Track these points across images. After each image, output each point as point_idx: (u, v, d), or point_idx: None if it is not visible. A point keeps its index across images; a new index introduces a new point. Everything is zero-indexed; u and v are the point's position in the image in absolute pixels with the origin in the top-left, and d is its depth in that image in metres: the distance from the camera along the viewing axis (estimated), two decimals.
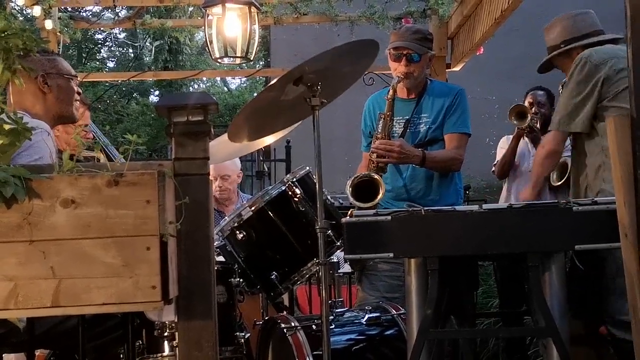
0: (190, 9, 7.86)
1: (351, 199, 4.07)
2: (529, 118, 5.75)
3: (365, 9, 7.60)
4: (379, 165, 4.33)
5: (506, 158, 6.08)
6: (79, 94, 3.74)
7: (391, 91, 4.40)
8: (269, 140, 4.32)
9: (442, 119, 4.53)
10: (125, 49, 24.43)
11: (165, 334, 3.31)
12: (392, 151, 4.30)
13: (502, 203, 6.12)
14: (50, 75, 3.57)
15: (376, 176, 4.17)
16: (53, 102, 3.58)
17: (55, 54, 3.83)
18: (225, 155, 4.58)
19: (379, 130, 4.38)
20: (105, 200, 1.86)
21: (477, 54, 7.50)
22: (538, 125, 5.91)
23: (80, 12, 8.23)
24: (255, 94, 4.07)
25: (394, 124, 4.50)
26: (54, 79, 3.58)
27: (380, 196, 4.06)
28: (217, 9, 5.95)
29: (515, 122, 5.78)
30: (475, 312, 4.12)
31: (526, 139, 6.03)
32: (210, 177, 6.01)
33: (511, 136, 6.22)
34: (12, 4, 7.20)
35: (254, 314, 4.42)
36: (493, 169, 6.34)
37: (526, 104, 6.09)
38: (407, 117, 4.55)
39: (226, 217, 4.10)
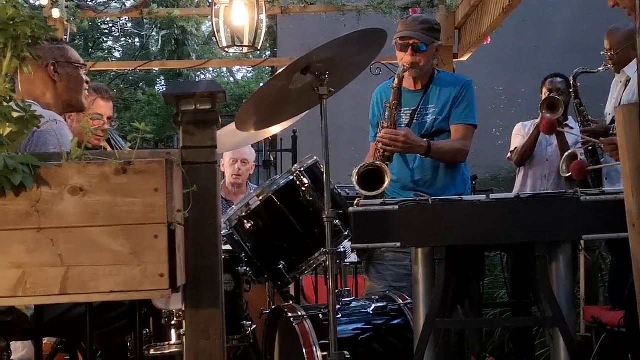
0: None
1: (357, 188, 4.06)
2: (561, 110, 5.72)
3: None
4: (385, 154, 4.32)
5: (527, 146, 6.05)
6: (87, 82, 3.74)
7: (396, 80, 4.39)
8: (275, 130, 4.32)
9: (448, 110, 4.53)
10: (132, 39, 24.41)
11: (173, 322, 3.32)
12: (397, 140, 4.29)
13: (516, 189, 6.12)
14: (60, 63, 3.56)
15: (382, 165, 4.16)
16: (63, 91, 3.58)
17: (64, 42, 3.83)
18: (232, 144, 4.59)
19: (385, 119, 4.37)
20: (114, 188, 1.86)
21: (485, 44, 7.48)
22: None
23: (87, 1, 8.20)
24: (262, 84, 4.08)
25: (401, 114, 4.49)
26: (64, 67, 3.58)
27: (386, 185, 4.05)
28: None
29: (547, 114, 5.74)
30: (481, 302, 4.12)
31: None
32: (230, 160, 6.05)
33: (527, 123, 6.20)
34: None
35: (260, 303, 4.43)
36: (509, 155, 6.32)
37: (544, 91, 6.06)
38: (414, 108, 4.55)
39: (234, 206, 4.10)
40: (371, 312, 3.86)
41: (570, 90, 5.77)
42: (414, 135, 4.37)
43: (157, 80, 23.64)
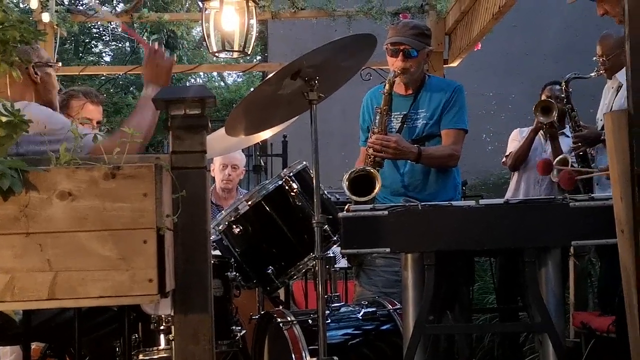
0: (188, 3, 7.86)
1: (347, 193, 4.05)
2: (554, 114, 5.73)
3: (363, 4, 7.59)
4: (376, 159, 4.32)
5: (522, 151, 6.05)
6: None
7: (387, 85, 4.38)
8: (266, 135, 4.31)
9: (439, 114, 4.52)
10: (122, 43, 24.37)
11: (162, 327, 3.32)
12: (388, 147, 4.28)
13: (509, 194, 6.12)
14: (37, 64, 3.54)
15: (372, 170, 4.15)
16: (43, 91, 3.56)
17: (35, 42, 3.81)
18: (222, 149, 4.58)
19: (376, 125, 4.37)
20: (102, 193, 1.86)
21: (475, 49, 7.50)
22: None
23: (77, 5, 8.20)
24: (252, 89, 4.09)
25: (392, 119, 4.49)
26: (40, 67, 3.56)
27: (376, 190, 4.04)
28: (214, 3, 5.95)
29: (540, 117, 5.75)
30: (471, 308, 4.12)
31: (540, 133, 6.01)
32: (220, 165, 6.01)
33: (524, 129, 6.19)
34: None
35: (250, 308, 4.43)
36: (504, 159, 6.31)
37: (543, 97, 6.06)
38: (405, 113, 4.54)
39: (223, 211, 4.09)
40: (360, 318, 3.86)
41: (562, 95, 5.78)
42: (404, 142, 4.37)
43: None
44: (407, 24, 4.67)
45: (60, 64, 3.95)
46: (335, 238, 3.85)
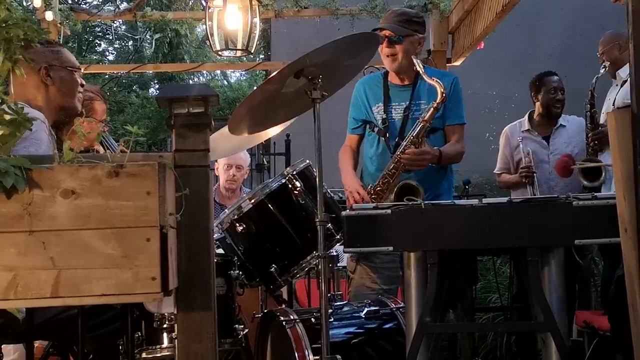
0: (191, 1, 7.86)
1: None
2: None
3: (366, 3, 7.61)
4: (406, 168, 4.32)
5: (512, 184, 5.89)
6: (82, 85, 3.70)
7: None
8: (271, 133, 4.30)
9: (442, 107, 4.49)
10: (125, 42, 24.37)
11: (165, 325, 3.32)
12: (422, 163, 4.30)
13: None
14: (54, 67, 3.53)
15: (414, 183, 4.12)
16: (55, 94, 3.53)
17: (59, 45, 3.79)
18: (226, 150, 4.58)
19: (414, 135, 4.32)
20: (106, 191, 1.86)
21: (478, 48, 7.49)
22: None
23: (80, 3, 8.21)
24: (255, 88, 4.08)
25: (391, 110, 4.50)
26: (57, 70, 3.53)
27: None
28: (218, 2, 5.96)
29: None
30: (474, 307, 4.12)
31: (536, 137, 5.90)
32: (224, 165, 6.02)
33: (514, 125, 6.07)
34: None
35: (253, 307, 4.43)
36: (496, 170, 6.16)
37: (543, 94, 5.91)
38: (406, 105, 4.54)
39: (226, 210, 4.10)
40: (363, 316, 3.86)
41: (588, 99, 5.63)
42: (430, 154, 4.36)
43: (151, 83, 23.61)
44: (395, 11, 4.67)
45: (82, 68, 3.92)
46: (338, 237, 3.86)
